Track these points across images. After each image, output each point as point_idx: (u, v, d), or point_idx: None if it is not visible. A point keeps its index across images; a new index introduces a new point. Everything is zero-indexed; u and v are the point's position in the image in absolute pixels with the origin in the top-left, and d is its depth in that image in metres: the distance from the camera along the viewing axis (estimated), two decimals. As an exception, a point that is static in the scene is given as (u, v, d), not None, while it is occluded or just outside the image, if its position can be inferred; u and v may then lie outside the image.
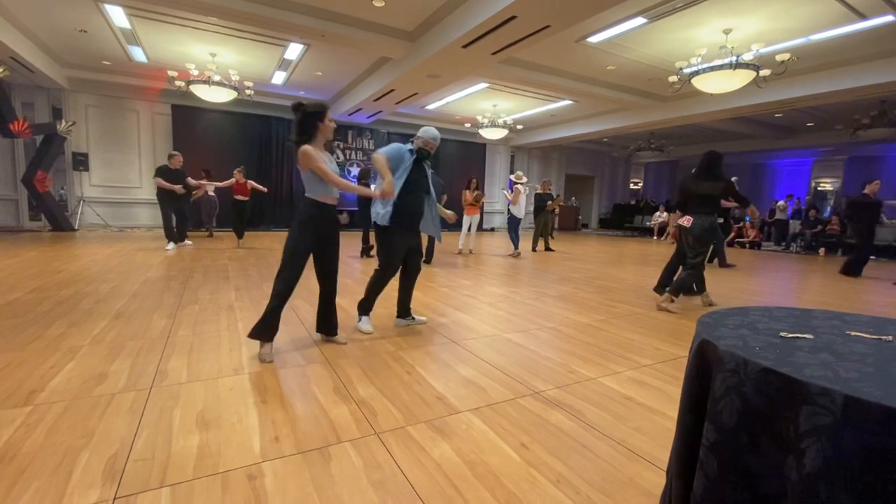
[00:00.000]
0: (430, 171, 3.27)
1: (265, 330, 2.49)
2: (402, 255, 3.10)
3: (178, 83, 8.22)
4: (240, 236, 8.00)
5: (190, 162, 9.48)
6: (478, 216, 8.07)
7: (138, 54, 8.47)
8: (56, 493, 1.33)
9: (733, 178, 5.86)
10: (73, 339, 2.70)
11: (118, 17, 6.76)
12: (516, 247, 8.06)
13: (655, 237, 14.30)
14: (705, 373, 0.96)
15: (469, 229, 8.06)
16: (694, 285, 4.23)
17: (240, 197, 7.87)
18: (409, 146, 3.09)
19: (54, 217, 9.23)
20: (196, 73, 8.04)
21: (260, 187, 8.04)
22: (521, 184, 8.23)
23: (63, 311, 3.31)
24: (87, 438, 1.63)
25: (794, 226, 12.08)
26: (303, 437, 1.70)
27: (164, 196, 6.95)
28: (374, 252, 6.80)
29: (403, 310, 3.31)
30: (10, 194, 9.69)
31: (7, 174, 9.61)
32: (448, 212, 3.73)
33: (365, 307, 3.13)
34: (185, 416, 1.83)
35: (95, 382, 2.11)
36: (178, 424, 1.76)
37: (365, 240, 6.99)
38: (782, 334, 1.00)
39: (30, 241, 7.48)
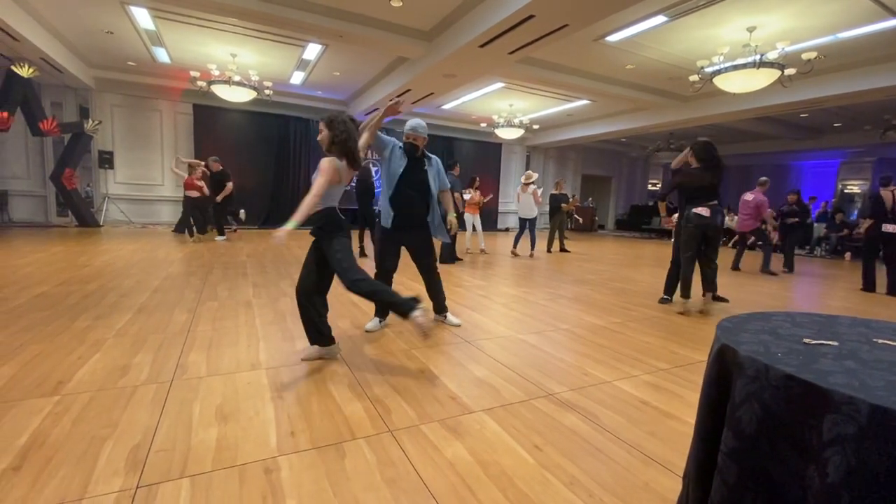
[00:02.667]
0: (432, 169, 3.16)
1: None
2: (390, 255, 3.11)
3: (199, 83, 8.39)
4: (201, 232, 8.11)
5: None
6: (478, 215, 8.02)
7: (162, 55, 8.68)
8: (82, 481, 1.37)
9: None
10: (99, 332, 2.78)
11: (143, 18, 6.93)
12: (525, 246, 7.95)
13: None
14: (724, 378, 0.95)
15: (473, 229, 8.01)
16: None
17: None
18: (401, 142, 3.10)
19: (81, 213, 9.52)
20: (217, 73, 8.20)
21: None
22: (528, 184, 7.99)
23: (89, 304, 3.42)
24: (111, 428, 1.68)
25: (819, 229, 11.74)
26: (318, 433, 1.72)
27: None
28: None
29: (435, 307, 3.38)
30: (39, 191, 10.04)
31: (36, 171, 9.95)
32: (450, 217, 3.45)
33: (376, 308, 3.19)
34: (204, 409, 1.87)
35: (119, 374, 2.17)
36: (198, 417, 1.80)
37: (360, 239, 6.98)
38: (805, 341, 0.98)
39: (57, 237, 7.73)
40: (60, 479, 1.38)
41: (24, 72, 7.66)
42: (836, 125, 12.37)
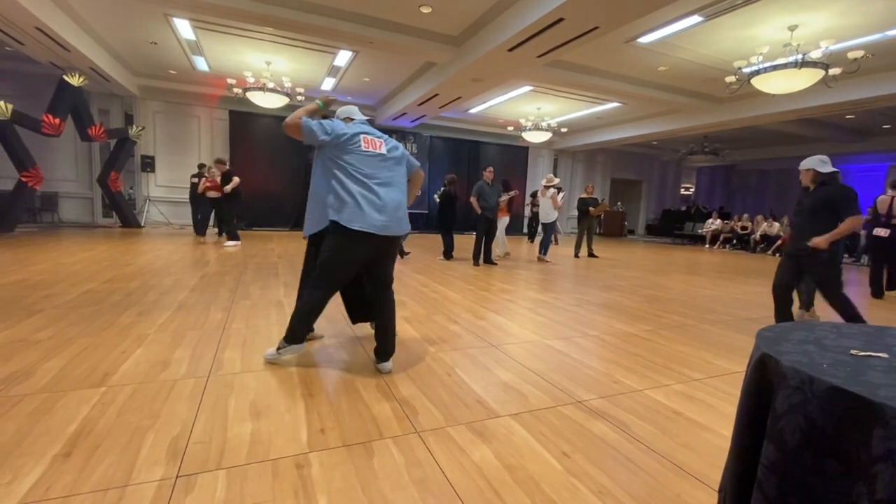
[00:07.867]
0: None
1: None
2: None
3: (235, 90, 8.72)
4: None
5: (245, 163, 10.02)
6: (506, 219, 7.79)
7: (201, 64, 9.06)
8: (126, 468, 1.45)
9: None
10: (141, 328, 2.92)
11: (185, 29, 7.26)
12: (541, 252, 7.85)
13: (707, 245, 13.61)
14: (765, 389, 0.92)
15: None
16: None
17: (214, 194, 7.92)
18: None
19: (124, 214, 10.02)
20: (252, 80, 8.50)
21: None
22: (549, 187, 7.81)
23: (132, 301, 3.59)
24: (153, 419, 1.76)
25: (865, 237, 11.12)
26: (347, 431, 1.75)
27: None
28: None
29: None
30: (86, 193, 10.63)
31: (84, 175, 10.54)
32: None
33: None
34: (238, 404, 1.94)
35: (160, 368, 2.28)
36: (233, 412, 1.86)
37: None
38: (853, 352, 0.94)
39: (102, 237, 8.15)
40: (107, 467, 1.45)
41: (75, 81, 8.13)
42: (884, 127, 11.73)
